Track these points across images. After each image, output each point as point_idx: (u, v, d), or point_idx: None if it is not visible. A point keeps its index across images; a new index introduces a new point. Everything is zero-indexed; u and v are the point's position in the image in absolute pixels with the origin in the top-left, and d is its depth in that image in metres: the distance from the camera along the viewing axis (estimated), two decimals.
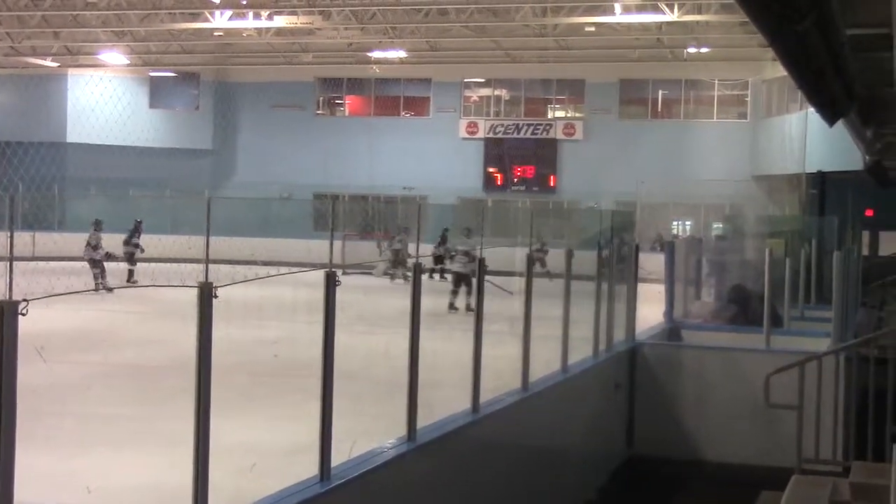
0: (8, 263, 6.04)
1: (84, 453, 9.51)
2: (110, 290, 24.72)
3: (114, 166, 43.08)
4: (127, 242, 30.70)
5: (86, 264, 27.72)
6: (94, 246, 28.23)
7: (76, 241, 33.65)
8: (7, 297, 5.29)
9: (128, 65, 43.50)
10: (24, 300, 5.24)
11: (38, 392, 8.48)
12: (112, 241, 30.74)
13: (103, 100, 44.82)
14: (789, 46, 7.72)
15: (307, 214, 39.47)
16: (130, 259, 30.29)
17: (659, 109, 43.82)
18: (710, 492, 14.44)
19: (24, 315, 5.21)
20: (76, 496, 8.09)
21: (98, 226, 28.73)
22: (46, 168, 42.57)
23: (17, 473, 5.21)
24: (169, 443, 9.21)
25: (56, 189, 41.89)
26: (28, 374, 5.44)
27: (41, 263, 27.88)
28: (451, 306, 22.58)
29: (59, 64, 43.20)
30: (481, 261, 11.16)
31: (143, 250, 30.53)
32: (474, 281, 12.05)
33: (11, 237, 6.13)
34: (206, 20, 35.28)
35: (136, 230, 31.10)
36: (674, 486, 14.77)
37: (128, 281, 29.14)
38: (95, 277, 27.05)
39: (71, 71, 44.18)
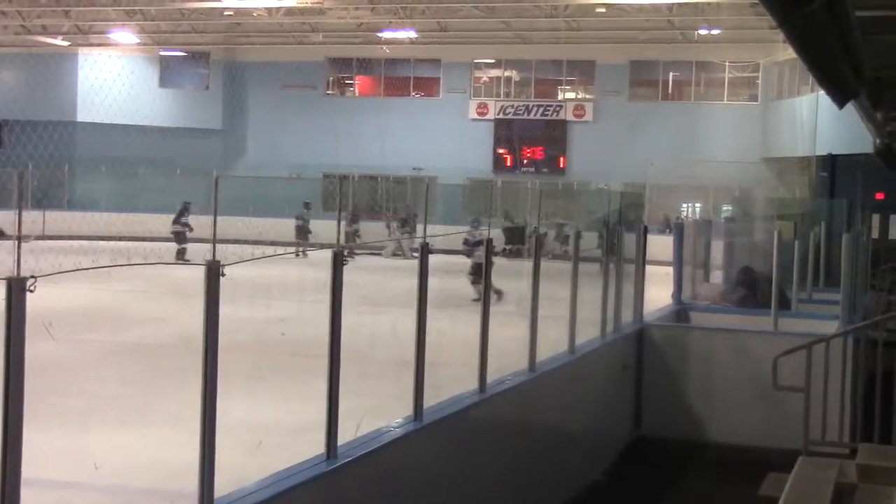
0: (16, 241, 6.06)
1: (91, 430, 9.55)
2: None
3: (123, 145, 43.16)
4: (176, 221, 31.29)
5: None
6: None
7: (85, 220, 33.75)
8: (15, 273, 5.30)
9: (138, 44, 43.48)
10: (32, 277, 5.26)
11: (46, 369, 8.51)
12: (121, 220, 30.93)
13: (113, 79, 44.81)
14: (799, 28, 7.68)
15: (316, 194, 39.48)
16: (180, 238, 31.07)
17: (669, 91, 43.71)
18: (716, 473, 14.46)
19: (31, 292, 5.22)
20: (84, 473, 8.13)
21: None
22: (56, 147, 42.61)
23: (25, 450, 5.23)
24: (175, 421, 9.27)
25: (66, 168, 41.94)
26: (36, 351, 5.46)
27: (50, 242, 28.07)
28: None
29: (69, 43, 43.21)
30: (489, 241, 11.15)
31: (191, 229, 31.00)
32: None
33: (20, 214, 6.17)
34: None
35: (184, 210, 31.57)
36: (681, 467, 14.79)
37: (178, 259, 29.59)
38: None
39: (81, 50, 44.20)
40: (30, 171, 36.94)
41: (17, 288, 5.21)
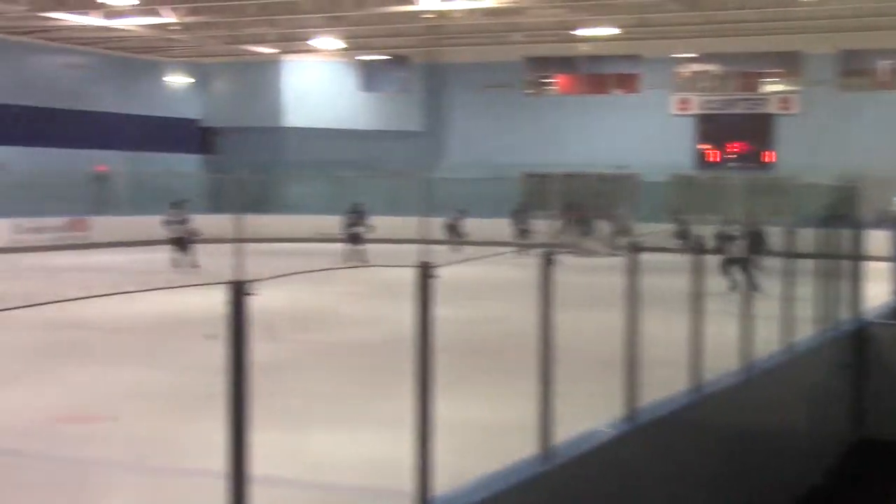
0: (237, 245, 6.21)
1: (309, 429, 9.74)
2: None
3: (329, 149, 44.14)
4: (351, 225, 31.80)
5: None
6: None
7: (295, 223, 34.69)
8: (238, 277, 5.43)
9: (340, 49, 44.37)
10: (254, 280, 5.38)
11: (266, 370, 8.70)
12: (329, 223, 31.73)
13: (317, 84, 45.95)
14: None
15: (518, 194, 39.54)
16: (355, 239, 31.60)
17: (883, 80, 42.01)
18: None
19: (253, 295, 5.34)
20: (303, 470, 8.30)
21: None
22: (265, 152, 43.93)
23: (249, 447, 5.35)
24: (389, 420, 9.36)
25: (275, 173, 43.15)
26: (257, 352, 5.58)
27: (262, 245, 28.94)
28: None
29: (275, 51, 44.44)
30: (699, 239, 10.93)
31: (369, 230, 31.64)
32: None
33: (239, 220, 6.30)
34: (416, 3, 35.64)
35: (358, 212, 31.99)
36: None
37: (349, 260, 30.36)
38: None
39: (287, 57, 45.40)
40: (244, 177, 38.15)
41: (240, 291, 5.34)
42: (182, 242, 28.43)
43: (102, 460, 8.93)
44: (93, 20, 35.27)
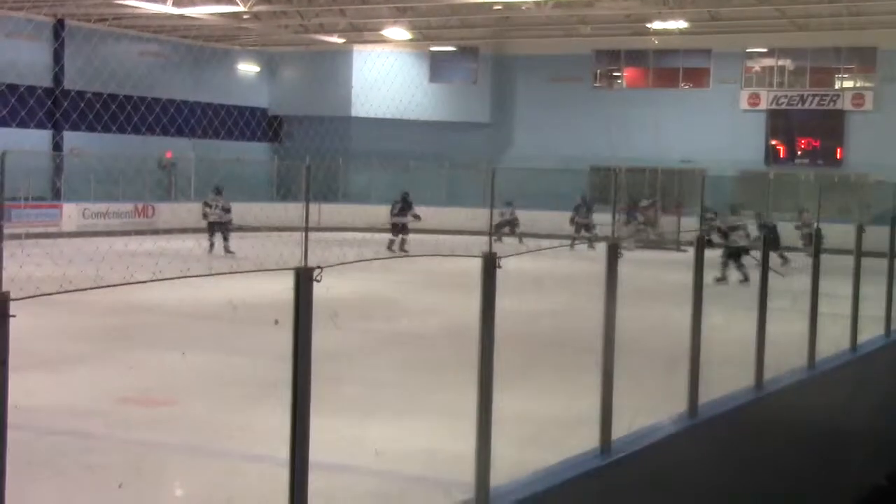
0: (304, 233, 6.28)
1: (371, 418, 9.80)
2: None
3: (395, 139, 44.30)
4: (398, 213, 31.99)
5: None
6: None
7: (359, 212, 34.85)
8: (303, 264, 5.47)
9: (409, 40, 44.47)
10: (319, 267, 5.42)
11: (329, 357, 8.77)
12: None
13: (385, 75, 46.07)
14: None
15: (584, 187, 39.39)
16: (400, 229, 31.90)
17: None
18: None
19: (318, 282, 5.39)
20: (363, 459, 8.34)
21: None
22: (331, 141, 44.15)
23: (311, 434, 5.40)
24: (450, 410, 9.40)
25: (341, 161, 43.39)
26: (321, 339, 5.62)
27: (327, 233, 29.11)
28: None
29: (345, 40, 44.64)
30: (766, 237, 10.83)
31: (418, 218, 31.80)
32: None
33: (307, 207, 6.36)
34: None
35: (405, 201, 32.19)
36: None
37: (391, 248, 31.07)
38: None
39: (356, 47, 45.60)
40: (310, 165, 38.41)
41: (305, 277, 5.38)
42: (219, 228, 28.98)
43: (165, 444, 9.05)
44: (165, 8, 35.66)
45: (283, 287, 5.78)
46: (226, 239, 28.75)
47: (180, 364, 12.59)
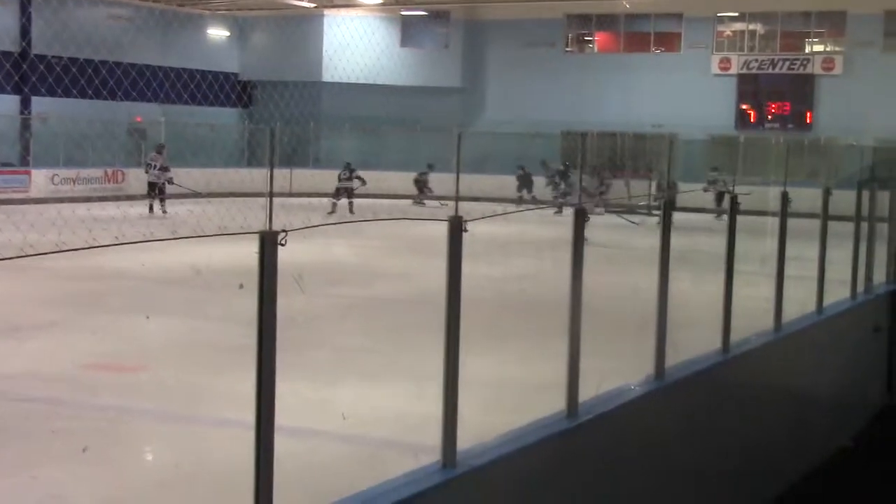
0: (268, 198, 6.24)
1: (337, 383, 9.81)
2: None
3: (366, 105, 44.13)
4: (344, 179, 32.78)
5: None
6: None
7: (330, 177, 34.77)
8: (267, 227, 5.45)
9: (380, 4, 44.24)
10: (283, 231, 5.40)
11: (295, 322, 8.77)
12: (364, 178, 32.02)
13: (357, 40, 45.82)
14: None
15: (555, 152, 39.39)
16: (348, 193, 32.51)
17: None
18: None
19: (282, 245, 5.37)
20: (330, 423, 8.36)
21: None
22: (302, 106, 43.92)
23: (276, 400, 5.40)
24: (417, 375, 9.41)
25: (311, 126, 43.20)
26: (286, 304, 5.61)
27: (298, 199, 29.04)
28: None
29: (315, 5, 44.35)
30: (733, 199, 10.85)
31: (363, 184, 32.68)
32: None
33: (271, 170, 6.31)
34: None
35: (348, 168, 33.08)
36: None
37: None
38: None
39: (327, 11, 45.31)
40: (278, 130, 38.24)
41: (270, 241, 5.36)
42: (157, 189, 29.12)
43: (132, 409, 9.04)
44: None
45: (247, 252, 5.76)
46: (161, 201, 28.87)
47: (146, 329, 12.55)
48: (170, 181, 30.20)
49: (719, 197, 28.26)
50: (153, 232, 16.05)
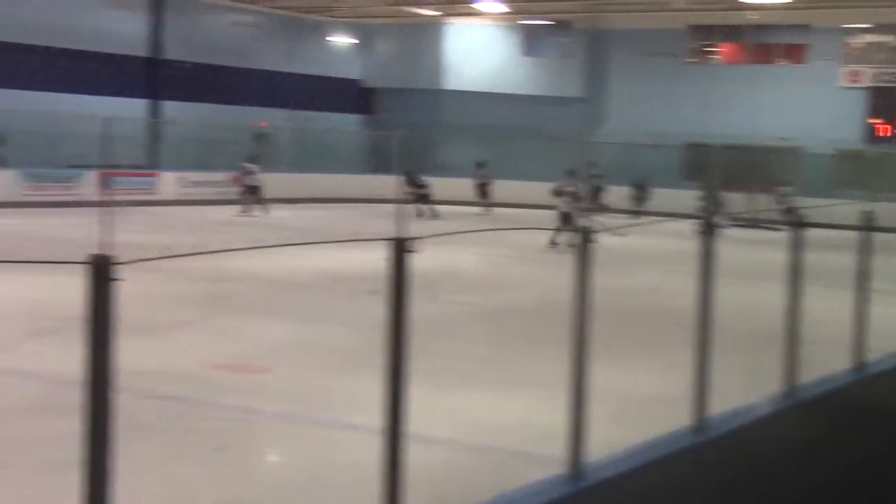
0: (396, 204, 6.26)
1: (464, 390, 9.81)
2: None
3: (487, 113, 44.19)
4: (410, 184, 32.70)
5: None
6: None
7: (451, 185, 34.89)
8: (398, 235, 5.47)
9: (503, 13, 44.28)
10: (414, 238, 5.41)
11: (425, 328, 8.80)
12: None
13: (478, 48, 45.93)
14: None
15: (677, 163, 38.95)
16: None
17: None
18: None
19: (413, 253, 5.38)
20: (457, 431, 8.36)
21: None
22: (423, 114, 44.16)
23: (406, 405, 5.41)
24: (544, 384, 9.36)
25: (432, 134, 43.38)
26: (416, 310, 5.62)
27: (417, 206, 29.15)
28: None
29: (438, 13, 44.58)
30: (867, 215, 10.55)
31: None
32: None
33: (403, 179, 6.35)
34: None
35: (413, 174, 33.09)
36: None
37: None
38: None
39: (449, 20, 45.51)
40: (401, 137, 38.50)
41: (400, 248, 5.38)
42: (253, 193, 31.12)
43: (261, 410, 9.15)
44: None
45: (376, 257, 5.78)
46: (259, 203, 30.54)
47: (275, 331, 12.71)
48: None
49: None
50: (287, 236, 16.26)
